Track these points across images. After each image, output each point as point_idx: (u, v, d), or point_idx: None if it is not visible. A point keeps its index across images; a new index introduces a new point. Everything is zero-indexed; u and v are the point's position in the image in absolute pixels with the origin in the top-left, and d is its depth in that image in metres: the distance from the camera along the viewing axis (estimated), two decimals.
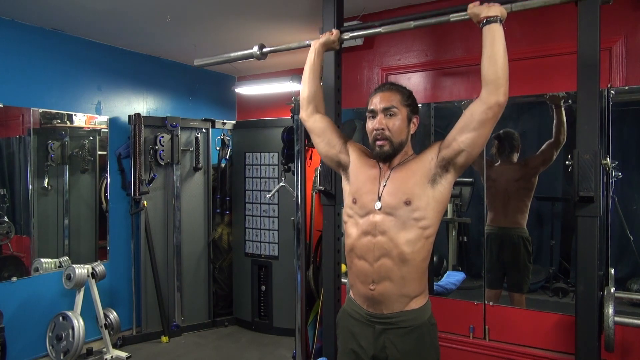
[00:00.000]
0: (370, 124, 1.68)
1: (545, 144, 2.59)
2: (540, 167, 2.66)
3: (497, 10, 1.51)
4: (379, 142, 1.65)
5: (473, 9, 1.56)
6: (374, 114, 1.67)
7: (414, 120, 1.70)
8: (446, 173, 1.60)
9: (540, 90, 2.56)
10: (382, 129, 1.63)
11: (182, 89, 4.68)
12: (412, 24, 1.71)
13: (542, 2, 1.60)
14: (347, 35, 2.00)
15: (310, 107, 1.88)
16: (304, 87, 1.91)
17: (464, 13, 1.61)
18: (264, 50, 2.09)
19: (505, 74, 1.46)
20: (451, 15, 1.62)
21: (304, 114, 1.90)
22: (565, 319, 2.43)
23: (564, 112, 2.51)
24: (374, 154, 1.70)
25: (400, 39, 3.05)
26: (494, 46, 1.47)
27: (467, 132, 1.52)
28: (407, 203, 1.58)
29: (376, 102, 1.67)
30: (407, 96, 1.69)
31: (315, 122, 1.87)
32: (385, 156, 1.66)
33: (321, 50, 1.94)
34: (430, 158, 1.61)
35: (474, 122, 1.50)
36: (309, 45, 1.97)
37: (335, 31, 1.97)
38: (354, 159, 1.78)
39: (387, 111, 1.64)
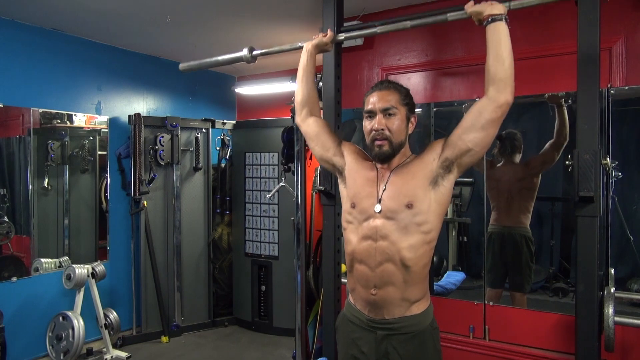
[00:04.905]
0: (369, 124, 1.62)
1: (547, 144, 2.58)
2: (540, 167, 2.66)
3: (500, 7, 1.48)
4: (378, 142, 1.60)
5: (474, 7, 1.53)
6: (372, 114, 1.62)
7: (412, 119, 1.66)
8: (448, 173, 1.56)
9: (541, 90, 2.56)
10: (382, 129, 1.58)
11: (182, 89, 4.68)
12: (409, 23, 1.68)
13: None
14: (341, 36, 1.94)
15: (304, 110, 1.86)
16: (297, 91, 1.88)
17: (462, 12, 1.58)
18: (254, 52, 1.95)
19: (512, 72, 1.45)
20: (449, 15, 1.59)
21: (298, 119, 1.89)
22: (565, 319, 2.43)
23: (565, 111, 2.48)
24: (372, 154, 1.64)
25: (400, 39, 3.05)
26: (501, 45, 1.46)
27: (475, 132, 1.49)
28: (409, 206, 1.55)
29: (374, 101, 1.62)
30: (405, 95, 1.65)
31: (309, 126, 1.85)
32: (384, 157, 1.61)
33: (313, 52, 1.88)
34: (431, 159, 1.57)
35: (482, 120, 1.47)
36: (301, 47, 1.91)
37: (329, 32, 1.89)
38: (350, 161, 1.74)
39: (386, 111, 1.59)
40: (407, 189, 1.57)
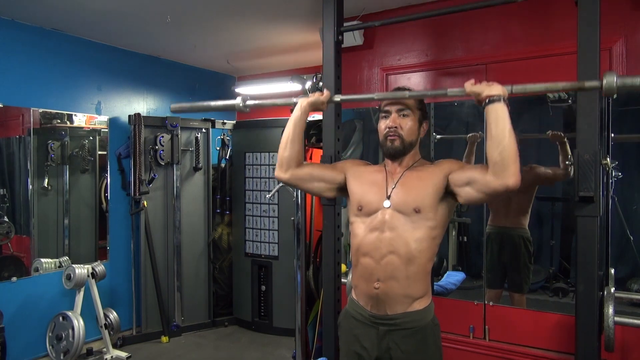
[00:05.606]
0: (383, 123, 1.72)
1: (553, 170, 2.57)
2: (542, 181, 2.66)
3: (499, 89, 1.46)
4: (390, 137, 1.69)
5: (473, 87, 1.51)
6: (387, 113, 1.71)
7: (424, 125, 1.75)
8: (451, 197, 1.63)
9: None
10: (395, 127, 1.68)
11: (182, 89, 4.68)
12: (407, 93, 1.66)
13: (544, 87, 1.53)
14: (337, 98, 1.87)
15: (291, 169, 1.76)
16: (284, 148, 1.76)
17: (461, 90, 1.55)
18: (248, 102, 1.89)
19: (512, 154, 1.41)
20: (448, 90, 1.55)
21: (282, 175, 1.78)
22: (565, 319, 2.43)
23: (568, 146, 2.48)
24: (384, 150, 1.72)
25: (400, 39, 3.05)
26: (498, 126, 1.42)
27: (470, 188, 1.53)
28: (417, 211, 1.61)
29: (391, 102, 1.72)
30: (420, 101, 1.75)
31: (298, 175, 1.78)
32: (395, 152, 1.69)
33: (307, 110, 1.78)
34: (443, 176, 1.62)
35: (478, 187, 1.50)
36: (295, 103, 1.83)
37: (326, 92, 1.82)
38: (351, 172, 1.79)
39: (400, 111, 1.69)
40: (417, 194, 1.62)
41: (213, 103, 2.01)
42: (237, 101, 1.86)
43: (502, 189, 1.43)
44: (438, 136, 2.97)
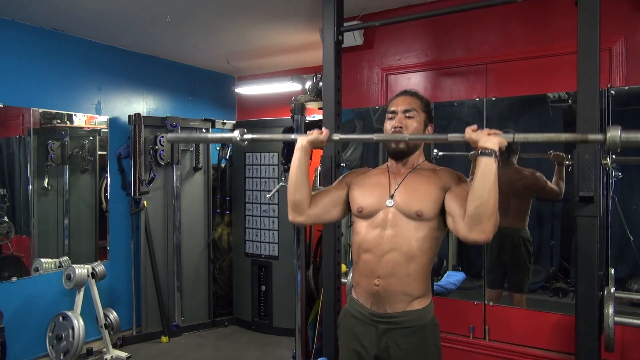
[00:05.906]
0: (389, 124, 1.72)
1: (550, 186, 2.58)
2: (536, 187, 2.67)
3: (495, 142, 1.41)
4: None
5: (472, 135, 1.46)
6: (394, 114, 1.72)
7: (429, 127, 1.76)
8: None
9: (541, 90, 2.56)
10: (401, 127, 1.69)
11: (182, 89, 4.68)
12: (407, 136, 1.65)
13: (547, 138, 1.51)
14: (336, 136, 1.81)
15: (305, 210, 1.74)
16: (294, 191, 1.72)
17: (461, 135, 1.50)
18: (245, 136, 1.84)
19: (488, 212, 1.41)
20: (449, 135, 1.54)
21: (297, 218, 1.75)
22: (565, 319, 2.43)
23: (564, 169, 2.50)
24: (389, 150, 1.74)
25: (400, 39, 3.05)
26: (482, 180, 1.42)
27: (451, 220, 1.55)
28: (419, 214, 1.61)
29: (397, 103, 1.73)
30: (426, 104, 1.77)
31: (312, 217, 1.76)
32: (399, 152, 1.71)
33: (309, 149, 1.73)
34: (442, 191, 1.63)
35: (453, 225, 1.54)
36: (293, 140, 1.79)
37: (325, 130, 1.75)
38: (354, 183, 1.79)
39: (406, 112, 1.70)
40: (419, 199, 1.63)
41: (210, 136, 2.00)
42: (235, 134, 1.84)
43: (471, 241, 1.47)
44: (440, 153, 2.95)
